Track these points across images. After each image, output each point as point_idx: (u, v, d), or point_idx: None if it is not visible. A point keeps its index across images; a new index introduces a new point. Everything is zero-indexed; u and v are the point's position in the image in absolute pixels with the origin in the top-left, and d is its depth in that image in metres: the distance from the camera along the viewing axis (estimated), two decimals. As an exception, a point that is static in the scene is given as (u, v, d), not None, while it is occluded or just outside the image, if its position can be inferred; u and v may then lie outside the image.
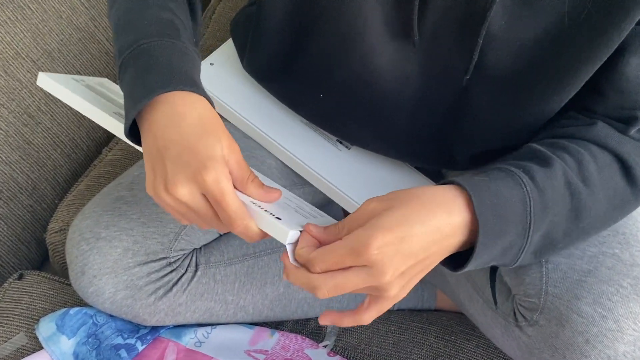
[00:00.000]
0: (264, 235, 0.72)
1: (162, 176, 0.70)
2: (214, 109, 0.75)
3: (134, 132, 0.76)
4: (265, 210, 0.71)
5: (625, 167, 0.79)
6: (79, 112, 1.14)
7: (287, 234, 0.69)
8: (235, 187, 0.72)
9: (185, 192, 0.69)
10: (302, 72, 0.94)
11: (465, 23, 0.79)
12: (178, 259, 0.94)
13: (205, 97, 0.75)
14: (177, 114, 0.71)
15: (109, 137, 1.23)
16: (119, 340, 0.97)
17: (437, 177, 1.05)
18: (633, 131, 0.80)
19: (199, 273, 0.96)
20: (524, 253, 0.74)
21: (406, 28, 0.81)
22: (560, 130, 0.82)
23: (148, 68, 0.75)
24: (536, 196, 0.72)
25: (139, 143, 0.76)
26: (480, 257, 0.69)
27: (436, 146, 0.95)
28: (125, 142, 1.18)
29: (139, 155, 1.04)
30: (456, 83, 0.85)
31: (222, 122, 0.74)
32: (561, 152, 0.77)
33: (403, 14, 0.80)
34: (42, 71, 0.83)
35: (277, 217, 0.71)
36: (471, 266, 0.70)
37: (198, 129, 0.70)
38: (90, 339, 0.97)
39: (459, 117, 0.90)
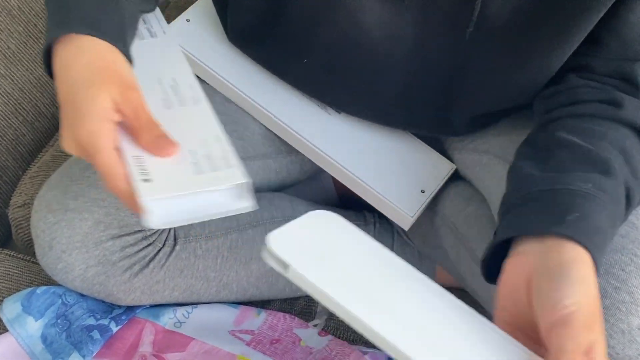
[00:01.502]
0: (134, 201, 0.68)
1: (62, 130, 0.71)
2: (123, 55, 0.72)
3: None
4: (140, 169, 0.68)
5: None
6: (43, 75, 1.16)
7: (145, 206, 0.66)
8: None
9: (69, 148, 0.69)
10: (285, 34, 0.92)
11: None
12: (154, 232, 0.92)
13: (108, 40, 0.72)
14: (65, 64, 0.70)
15: None
16: (91, 321, 0.94)
17: (433, 143, 1.04)
18: None
19: (177, 247, 0.94)
20: None
21: None
22: (585, 106, 0.81)
23: (60, 5, 0.75)
24: (618, 212, 0.72)
25: None
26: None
27: (432, 111, 0.95)
28: None
29: None
30: (455, 39, 0.84)
31: (121, 64, 0.71)
32: (610, 148, 0.75)
33: None
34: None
35: (146, 179, 0.68)
36: None
37: (82, 80, 0.69)
38: (59, 320, 0.95)
39: (458, 78, 0.89)
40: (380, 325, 0.53)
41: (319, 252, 0.59)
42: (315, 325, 0.99)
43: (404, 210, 0.94)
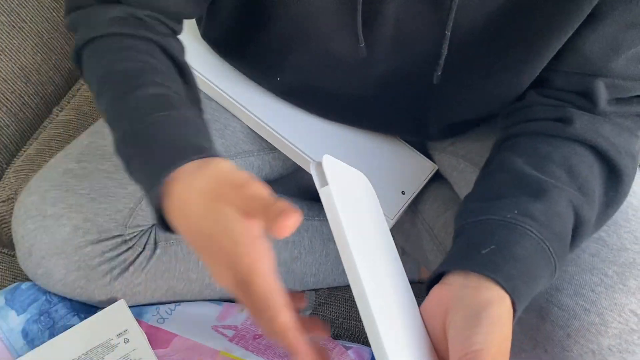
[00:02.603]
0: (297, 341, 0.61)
1: (214, 271, 0.65)
2: (210, 160, 0.67)
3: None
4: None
5: (607, 161, 0.79)
6: (27, 65, 1.15)
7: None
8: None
9: (227, 282, 0.62)
10: (257, 54, 0.93)
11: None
12: (134, 236, 0.92)
13: (202, 153, 0.68)
14: (183, 202, 0.65)
15: (60, 94, 1.20)
16: (75, 321, 0.94)
17: (416, 143, 1.05)
18: (602, 104, 0.79)
19: (158, 251, 0.94)
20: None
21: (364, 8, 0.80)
22: (537, 124, 0.82)
23: (147, 153, 0.69)
24: (549, 237, 0.71)
25: None
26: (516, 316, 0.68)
27: (408, 119, 0.96)
28: (78, 101, 1.15)
29: (93, 115, 1.03)
30: (427, 60, 0.84)
31: (217, 172, 0.65)
32: (551, 167, 0.76)
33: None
34: None
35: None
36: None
37: (205, 213, 0.63)
38: (42, 317, 0.95)
39: (431, 92, 0.89)
40: (366, 282, 0.58)
41: (351, 194, 0.65)
42: None
43: (383, 212, 0.93)
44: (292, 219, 0.58)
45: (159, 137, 0.69)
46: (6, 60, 1.10)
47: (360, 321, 0.91)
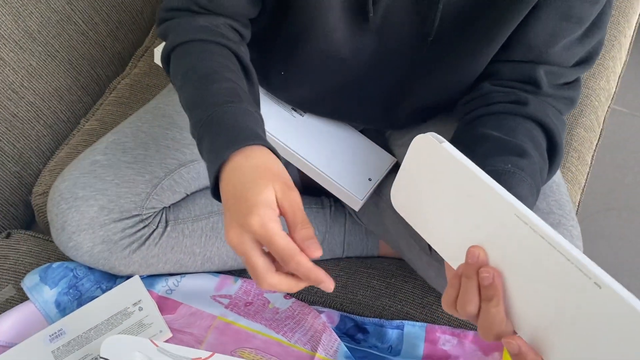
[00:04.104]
0: (317, 271, 0.65)
1: (229, 224, 0.67)
2: (275, 158, 0.71)
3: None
4: None
5: (550, 137, 0.80)
6: (60, 87, 1.18)
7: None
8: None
9: (233, 237, 0.65)
10: (270, 50, 0.92)
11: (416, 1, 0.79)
12: (150, 216, 0.93)
13: (265, 146, 0.72)
14: (237, 169, 0.69)
15: (86, 109, 1.22)
16: (98, 293, 0.97)
17: (378, 137, 1.06)
18: (545, 88, 0.81)
19: (168, 228, 0.95)
20: None
21: (362, 8, 0.80)
22: (497, 107, 0.83)
23: (218, 133, 0.73)
24: (534, 185, 0.73)
25: None
26: None
27: (382, 108, 0.96)
28: (101, 114, 1.18)
29: (113, 125, 1.03)
30: (406, 52, 0.85)
31: (282, 168, 0.70)
32: (522, 137, 0.77)
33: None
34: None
35: None
36: None
37: (249, 178, 0.67)
38: (71, 290, 0.97)
39: (406, 82, 0.90)
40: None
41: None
42: None
43: (354, 194, 0.95)
44: (314, 251, 0.63)
45: (228, 122, 0.72)
46: (43, 83, 1.12)
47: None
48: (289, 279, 0.66)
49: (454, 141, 0.80)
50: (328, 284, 0.63)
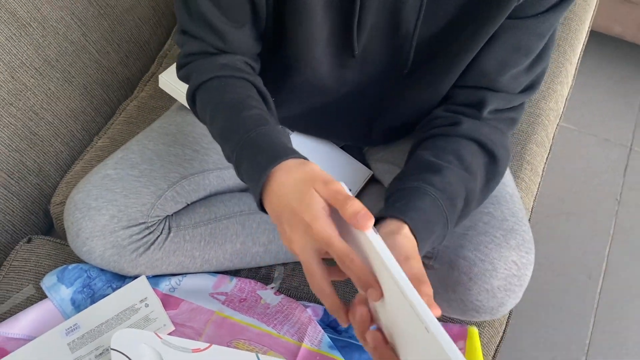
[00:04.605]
0: (368, 272, 0.62)
1: (287, 236, 0.67)
2: (307, 162, 0.70)
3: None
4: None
5: (487, 150, 0.80)
6: (75, 108, 1.17)
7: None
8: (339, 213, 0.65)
9: (296, 247, 0.65)
10: (266, 76, 0.91)
11: (393, 34, 0.79)
12: (154, 223, 0.93)
13: (298, 157, 0.71)
14: (280, 184, 0.67)
15: (99, 127, 1.22)
16: (109, 291, 0.96)
17: (357, 153, 1.06)
18: (485, 113, 0.81)
19: (171, 234, 0.94)
20: (449, 232, 0.74)
21: (345, 39, 0.80)
22: (437, 130, 0.83)
23: (256, 154, 0.72)
24: (442, 197, 0.73)
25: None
26: (422, 249, 0.69)
27: (360, 128, 0.97)
28: (112, 132, 1.18)
29: (122, 142, 1.03)
30: (383, 82, 0.86)
31: (315, 171, 0.68)
32: (446, 154, 0.78)
33: (343, 30, 0.80)
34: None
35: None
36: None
37: (295, 191, 0.66)
38: (85, 289, 0.96)
39: (381, 106, 0.91)
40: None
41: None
42: (272, 288, 0.99)
43: None
44: (364, 221, 0.60)
45: (264, 143, 0.72)
46: (61, 105, 1.11)
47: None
48: (334, 296, 0.64)
49: (406, 159, 0.84)
50: (374, 293, 0.59)
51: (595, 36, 1.85)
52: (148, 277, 0.97)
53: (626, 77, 1.98)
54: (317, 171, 0.67)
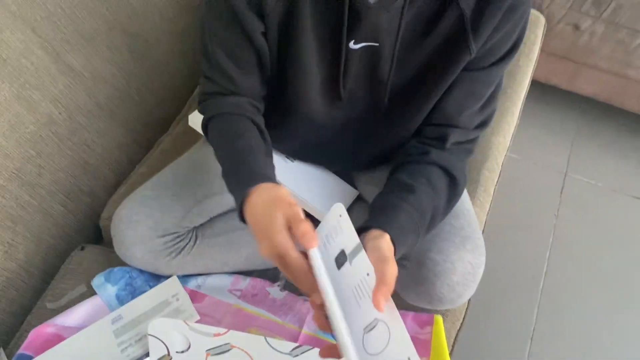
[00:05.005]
0: (312, 280, 0.61)
1: (259, 245, 0.65)
2: (278, 186, 0.69)
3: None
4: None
5: (448, 174, 0.79)
6: (121, 143, 1.15)
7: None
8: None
9: (265, 252, 0.63)
10: (271, 115, 0.90)
11: (373, 80, 0.78)
12: (184, 233, 0.93)
13: (270, 181, 0.70)
14: (254, 204, 0.67)
15: (140, 158, 1.21)
16: (147, 289, 0.96)
17: (346, 177, 1.05)
18: (448, 145, 0.80)
19: (197, 242, 0.94)
20: (419, 240, 0.74)
21: (334, 85, 0.80)
22: (412, 156, 0.82)
23: (238, 180, 0.72)
24: (414, 211, 0.73)
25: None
26: (398, 253, 0.68)
27: (348, 157, 0.96)
28: (150, 162, 1.17)
29: (159, 170, 1.02)
30: (365, 119, 0.84)
31: (281, 194, 0.67)
32: (418, 177, 0.77)
33: (332, 78, 0.79)
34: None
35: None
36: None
37: (264, 212, 0.65)
38: (127, 287, 0.96)
39: (365, 139, 0.90)
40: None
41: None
42: (278, 285, 0.98)
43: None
44: (308, 242, 0.61)
45: (245, 169, 0.72)
46: (108, 140, 1.09)
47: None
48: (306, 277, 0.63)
49: (386, 182, 0.82)
50: (316, 298, 0.60)
51: (536, 85, 1.86)
52: (178, 277, 0.97)
53: (561, 117, 1.98)
54: (283, 195, 0.66)
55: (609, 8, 1.51)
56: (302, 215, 0.63)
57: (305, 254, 0.62)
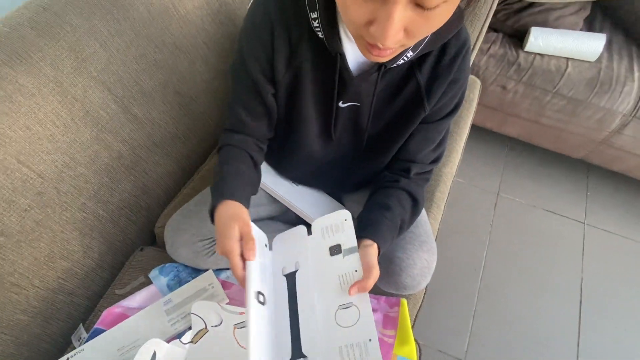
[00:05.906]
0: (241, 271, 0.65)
1: (217, 246, 0.67)
2: (241, 207, 0.69)
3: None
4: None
5: (412, 196, 0.79)
6: (171, 171, 1.11)
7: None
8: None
9: (220, 251, 0.65)
10: (279, 152, 0.88)
11: (356, 129, 0.78)
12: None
13: (240, 202, 0.70)
14: (219, 215, 0.68)
15: (184, 183, 1.18)
16: (190, 279, 0.94)
17: (337, 197, 1.01)
18: (411, 175, 0.80)
19: None
20: (392, 244, 0.76)
21: (327, 131, 0.79)
22: (386, 183, 0.81)
23: (214, 194, 0.73)
24: (391, 224, 0.74)
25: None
26: (379, 254, 0.69)
27: (338, 183, 0.93)
28: (192, 185, 1.14)
29: (199, 191, 1.02)
30: (352, 152, 0.83)
31: (241, 212, 0.67)
32: (392, 198, 0.77)
33: (326, 127, 0.79)
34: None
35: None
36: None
37: (225, 222, 0.66)
38: (175, 278, 0.95)
39: (350, 169, 0.88)
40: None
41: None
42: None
43: None
44: (248, 254, 0.64)
45: (222, 186, 0.72)
46: (161, 170, 1.06)
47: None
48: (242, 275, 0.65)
49: (366, 203, 0.80)
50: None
51: (474, 128, 1.88)
52: (213, 270, 0.94)
53: (493, 152, 1.99)
54: (242, 213, 0.66)
55: (527, 74, 1.55)
56: (252, 234, 0.65)
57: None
